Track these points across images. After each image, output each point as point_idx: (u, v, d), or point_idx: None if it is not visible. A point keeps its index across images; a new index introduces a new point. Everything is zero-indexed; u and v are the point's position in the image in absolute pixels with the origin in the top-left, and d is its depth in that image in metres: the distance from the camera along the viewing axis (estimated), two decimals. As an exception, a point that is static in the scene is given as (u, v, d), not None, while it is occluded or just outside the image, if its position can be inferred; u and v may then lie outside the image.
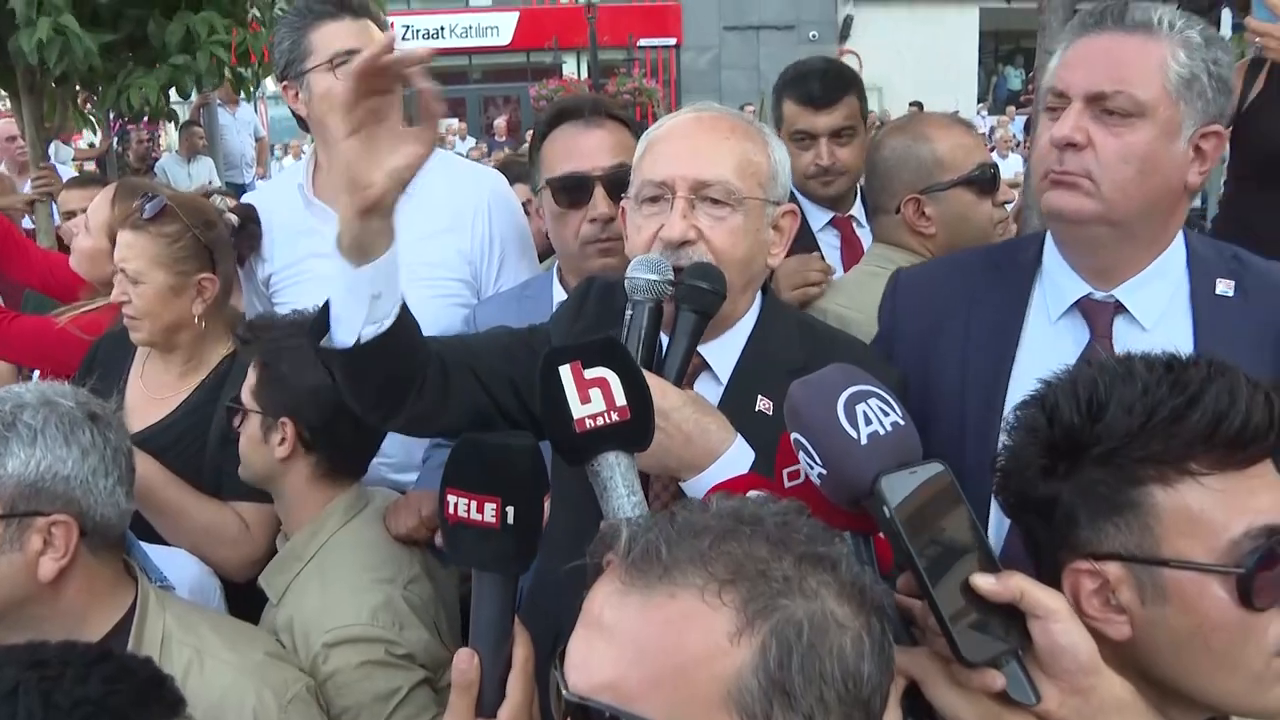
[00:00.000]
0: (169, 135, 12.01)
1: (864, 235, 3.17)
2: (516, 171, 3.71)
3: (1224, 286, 1.85)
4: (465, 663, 1.21)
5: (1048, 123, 1.80)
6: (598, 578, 1.04)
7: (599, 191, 2.36)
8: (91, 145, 10.12)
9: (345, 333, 1.60)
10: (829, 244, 3.20)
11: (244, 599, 2.32)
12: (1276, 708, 1.17)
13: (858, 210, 3.27)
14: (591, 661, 0.98)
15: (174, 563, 2.25)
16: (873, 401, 1.22)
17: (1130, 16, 1.75)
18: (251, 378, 2.23)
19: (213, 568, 2.36)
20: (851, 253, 3.23)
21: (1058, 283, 1.90)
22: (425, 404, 1.73)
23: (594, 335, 1.47)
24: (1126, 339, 1.82)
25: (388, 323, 1.60)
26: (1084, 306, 1.87)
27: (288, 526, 2.26)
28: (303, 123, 2.73)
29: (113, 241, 2.58)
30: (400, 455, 2.56)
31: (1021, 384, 1.80)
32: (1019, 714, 1.16)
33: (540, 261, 3.00)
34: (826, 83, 3.13)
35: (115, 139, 9.40)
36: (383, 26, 2.67)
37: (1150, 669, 1.20)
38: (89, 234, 3.17)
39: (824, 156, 3.11)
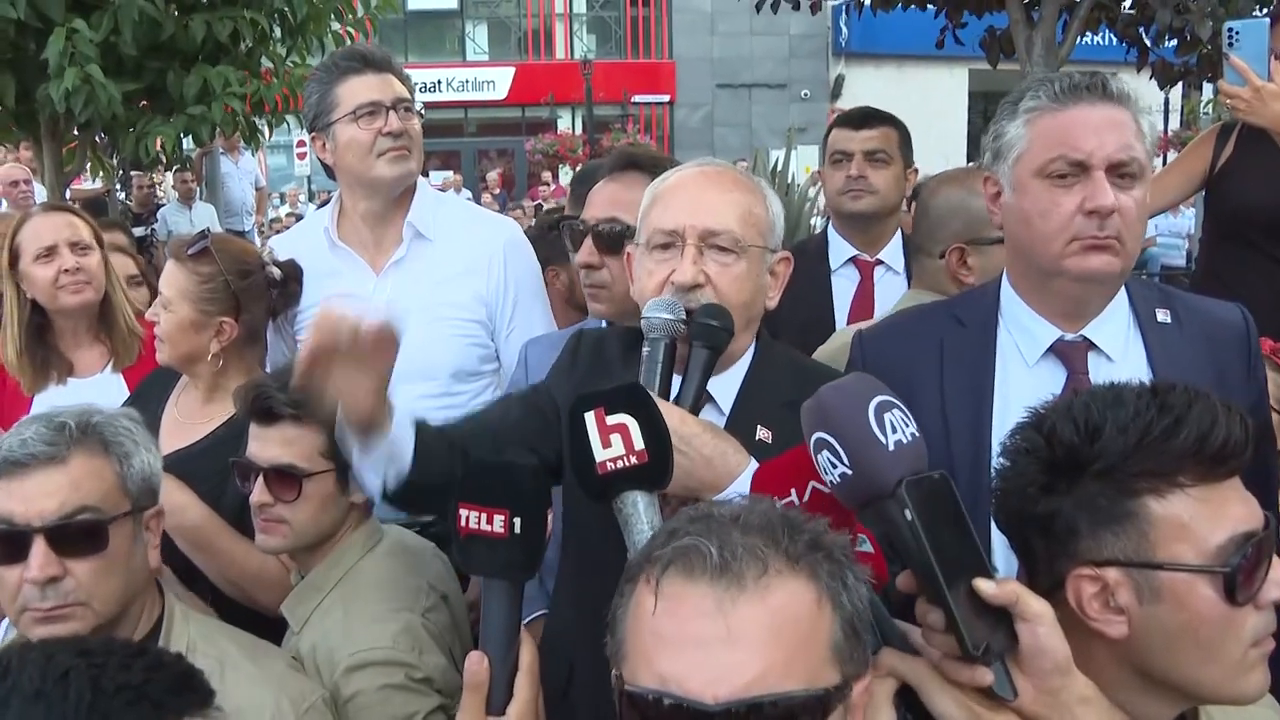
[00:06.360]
0: (167, 183, 12.09)
1: (890, 284, 3.30)
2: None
3: (1163, 315, 2.02)
4: (476, 664, 1.32)
5: (1054, 190, 1.89)
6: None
7: None
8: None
9: (371, 482, 1.80)
10: (846, 279, 3.34)
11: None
12: (1253, 692, 1.31)
13: (892, 257, 3.39)
14: (728, 670, 1.10)
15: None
16: (895, 412, 1.32)
17: (1112, 88, 1.91)
18: (313, 440, 2.23)
19: (255, 608, 2.43)
20: (861, 301, 3.31)
21: (1028, 329, 2.02)
22: None
23: (615, 382, 1.59)
24: (1097, 372, 1.97)
25: (406, 467, 1.77)
26: (1059, 349, 2.00)
27: (306, 564, 2.32)
28: (329, 170, 2.89)
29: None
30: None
31: (1005, 424, 1.90)
32: (1000, 714, 1.28)
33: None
34: (867, 111, 3.51)
35: (118, 184, 9.47)
36: (404, 79, 2.84)
37: (1144, 663, 1.33)
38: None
39: (854, 169, 3.33)
